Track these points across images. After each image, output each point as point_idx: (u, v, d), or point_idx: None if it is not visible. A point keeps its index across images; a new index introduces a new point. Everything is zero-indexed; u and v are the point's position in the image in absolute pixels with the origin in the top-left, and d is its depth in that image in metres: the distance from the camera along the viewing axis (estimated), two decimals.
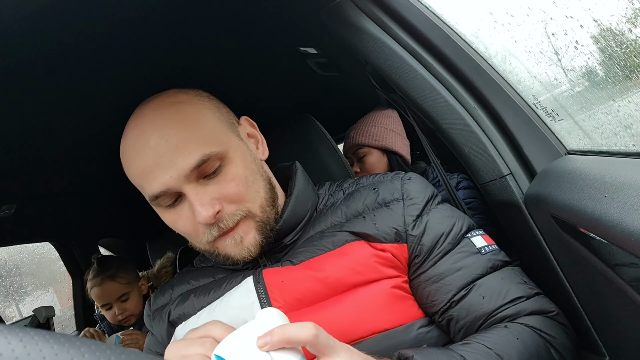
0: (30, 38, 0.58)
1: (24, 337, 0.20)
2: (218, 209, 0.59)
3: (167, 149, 0.58)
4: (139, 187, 0.63)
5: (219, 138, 0.62)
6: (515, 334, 0.56)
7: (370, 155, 1.36)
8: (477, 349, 0.54)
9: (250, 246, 0.63)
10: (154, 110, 0.62)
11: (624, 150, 0.60)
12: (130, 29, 0.67)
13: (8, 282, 2.34)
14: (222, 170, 0.61)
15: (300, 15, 0.81)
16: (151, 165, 0.59)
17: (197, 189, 0.59)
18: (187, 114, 0.62)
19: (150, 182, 0.59)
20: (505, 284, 0.61)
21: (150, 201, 0.62)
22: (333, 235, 0.65)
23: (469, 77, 0.70)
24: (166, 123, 0.60)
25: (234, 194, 0.61)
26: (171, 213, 0.62)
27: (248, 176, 0.63)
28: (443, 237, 0.64)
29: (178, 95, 0.64)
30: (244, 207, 0.62)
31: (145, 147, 0.59)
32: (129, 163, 0.62)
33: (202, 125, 0.62)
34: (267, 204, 0.65)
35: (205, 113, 0.64)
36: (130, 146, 0.62)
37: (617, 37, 0.57)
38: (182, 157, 0.58)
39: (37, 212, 1.28)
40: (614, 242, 0.45)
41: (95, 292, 1.38)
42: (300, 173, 0.73)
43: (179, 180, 0.58)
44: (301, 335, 0.42)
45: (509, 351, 0.53)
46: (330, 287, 0.62)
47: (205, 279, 0.72)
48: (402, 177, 0.71)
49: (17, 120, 0.78)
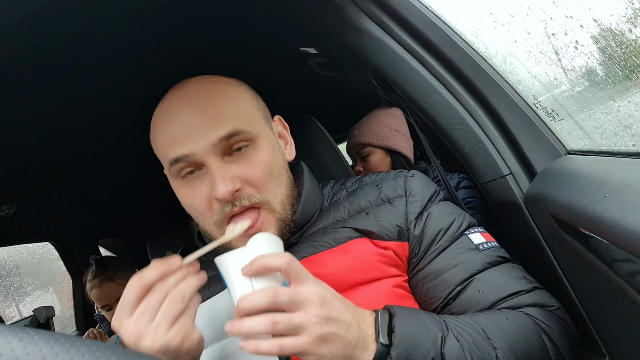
0: (30, 38, 0.58)
1: (24, 337, 0.20)
2: (238, 187, 0.58)
3: (201, 118, 0.59)
4: (161, 154, 0.63)
5: (253, 122, 0.63)
6: (505, 315, 0.56)
7: (374, 154, 1.36)
8: (462, 319, 0.55)
9: None
10: (196, 83, 0.63)
11: (624, 150, 0.60)
12: (130, 30, 0.67)
13: (8, 282, 2.34)
14: (250, 152, 0.61)
15: (301, 15, 0.81)
16: (181, 131, 0.59)
17: (220, 163, 0.59)
18: (228, 92, 0.63)
19: (175, 147, 0.59)
20: (504, 278, 0.61)
21: (168, 168, 0.61)
22: (335, 232, 0.65)
23: (469, 77, 0.70)
24: (206, 95, 0.61)
25: (257, 178, 0.60)
26: (187, 187, 0.61)
27: (274, 167, 0.63)
28: (441, 234, 0.64)
29: (221, 78, 0.66)
30: (263, 195, 0.61)
31: (179, 115, 0.60)
32: (159, 130, 0.62)
33: (239, 105, 0.63)
34: (288, 202, 0.65)
35: (245, 97, 0.65)
36: (163, 113, 0.62)
37: (617, 37, 0.57)
38: (214, 126, 0.58)
39: (37, 212, 1.28)
40: (613, 242, 0.45)
41: (94, 294, 1.39)
42: (307, 173, 0.73)
43: (205, 149, 0.58)
44: (274, 262, 0.47)
45: (494, 328, 0.53)
46: (332, 285, 0.61)
47: (207, 273, 0.72)
48: (405, 175, 0.71)
49: (17, 120, 0.78)
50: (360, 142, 1.36)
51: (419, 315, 0.53)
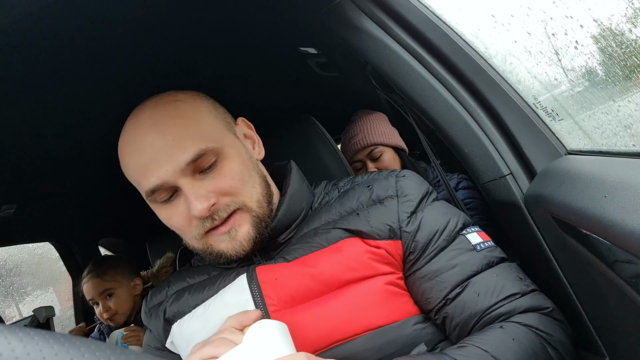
0: (30, 38, 0.58)
1: (24, 337, 0.20)
2: (213, 202, 0.60)
3: (164, 144, 0.59)
4: (136, 184, 0.64)
5: (215, 135, 0.63)
6: (511, 335, 0.55)
7: (387, 153, 1.35)
8: (473, 352, 0.53)
9: (243, 240, 0.62)
10: (151, 108, 0.63)
11: (624, 150, 0.60)
12: (130, 30, 0.67)
13: (8, 282, 2.34)
14: (218, 165, 0.62)
15: (300, 15, 0.81)
16: (148, 160, 0.59)
17: (192, 182, 0.60)
18: (185, 111, 0.63)
19: (146, 177, 0.60)
20: (500, 280, 0.61)
21: (146, 197, 0.63)
22: (327, 232, 0.65)
23: (469, 77, 0.70)
24: (163, 119, 0.61)
25: (230, 187, 0.62)
26: (166, 209, 0.63)
27: (243, 171, 0.64)
28: (438, 234, 0.64)
29: (176, 95, 0.65)
30: (239, 199, 0.62)
31: (142, 143, 0.60)
32: (126, 159, 0.63)
33: (198, 122, 0.63)
34: (264, 199, 0.66)
35: (202, 111, 0.65)
36: (127, 143, 0.62)
37: (617, 37, 0.57)
38: (178, 151, 0.59)
39: (37, 212, 1.28)
40: (614, 242, 0.45)
41: (84, 289, 1.42)
42: (294, 172, 0.74)
43: (175, 174, 0.59)
44: None
45: (505, 353, 0.53)
46: (324, 284, 0.62)
47: (200, 277, 0.72)
48: (396, 174, 0.71)
49: (17, 120, 0.78)
50: (370, 143, 1.35)
51: None
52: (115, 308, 1.40)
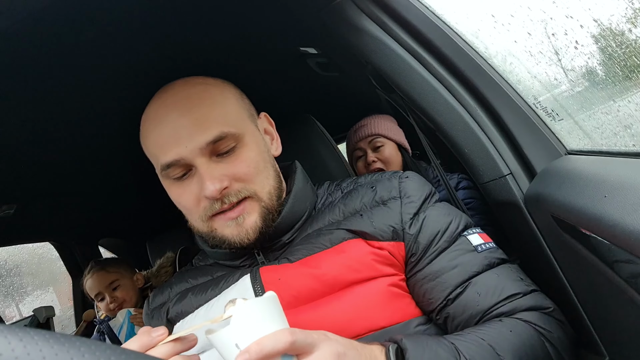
0: (30, 38, 0.58)
1: (24, 337, 0.20)
2: (226, 185, 0.61)
3: (187, 122, 0.61)
4: (153, 157, 0.65)
5: (238, 122, 0.65)
6: (508, 327, 0.56)
7: (387, 146, 1.38)
8: (470, 338, 0.54)
9: (249, 228, 0.63)
10: (180, 87, 0.65)
11: (624, 150, 0.60)
12: (129, 30, 0.67)
13: (8, 282, 2.34)
14: (236, 151, 0.63)
15: (301, 15, 0.81)
16: (169, 136, 0.61)
17: (208, 163, 0.61)
18: (212, 94, 0.65)
19: (164, 151, 0.61)
20: (501, 281, 0.61)
21: (160, 171, 0.64)
22: (330, 233, 0.66)
23: (469, 77, 0.70)
24: (191, 99, 0.63)
25: (244, 174, 0.63)
26: (177, 186, 0.64)
27: (259, 162, 0.65)
28: (439, 235, 0.64)
29: (206, 79, 0.67)
30: (251, 187, 0.63)
31: (166, 117, 0.62)
32: (148, 132, 0.64)
33: (224, 106, 0.64)
34: (275, 193, 0.67)
35: (229, 97, 0.67)
36: (151, 116, 0.64)
37: (617, 37, 0.57)
38: (200, 130, 0.60)
39: (37, 212, 1.28)
40: (614, 242, 0.45)
41: (88, 285, 1.44)
42: (299, 172, 0.74)
43: (193, 152, 0.60)
44: (278, 347, 0.41)
45: (502, 342, 0.53)
46: (327, 285, 0.62)
47: (203, 278, 0.72)
48: (400, 176, 0.71)
49: (17, 120, 0.78)
50: (373, 132, 1.38)
51: (430, 345, 0.52)
52: (122, 297, 1.43)
